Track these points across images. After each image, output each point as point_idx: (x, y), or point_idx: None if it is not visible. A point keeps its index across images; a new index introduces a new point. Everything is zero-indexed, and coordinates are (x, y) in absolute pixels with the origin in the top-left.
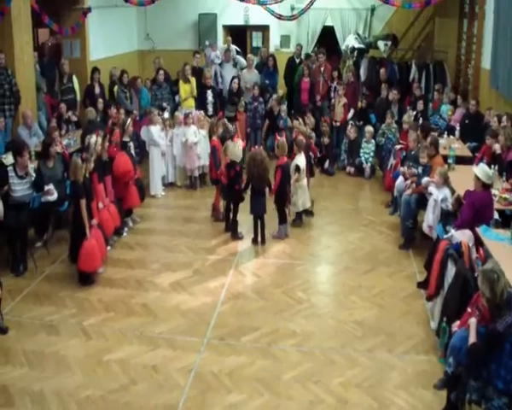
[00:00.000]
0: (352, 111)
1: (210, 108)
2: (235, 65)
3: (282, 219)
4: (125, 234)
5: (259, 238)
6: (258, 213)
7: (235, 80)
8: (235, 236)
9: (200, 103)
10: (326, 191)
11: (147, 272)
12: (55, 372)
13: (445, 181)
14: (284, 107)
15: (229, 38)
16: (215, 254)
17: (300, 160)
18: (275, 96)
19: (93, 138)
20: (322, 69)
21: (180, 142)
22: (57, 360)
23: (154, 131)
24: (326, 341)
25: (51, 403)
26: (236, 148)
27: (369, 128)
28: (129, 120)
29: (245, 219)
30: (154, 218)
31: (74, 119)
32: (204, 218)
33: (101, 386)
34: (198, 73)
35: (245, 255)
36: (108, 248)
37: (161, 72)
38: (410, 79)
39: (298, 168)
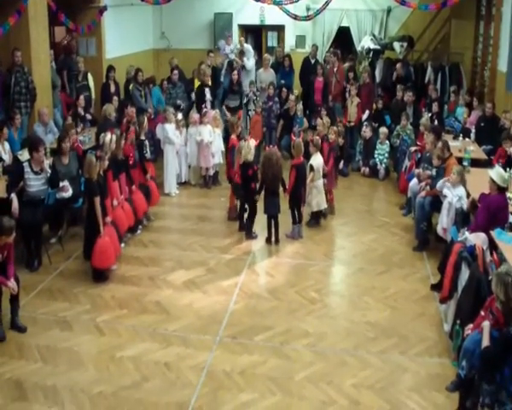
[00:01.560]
0: (367, 112)
1: (208, 106)
2: (243, 67)
3: (296, 220)
4: (138, 231)
5: (273, 238)
6: (271, 212)
7: (235, 72)
8: (250, 235)
9: (199, 101)
10: (340, 192)
11: (160, 270)
12: (68, 368)
13: (462, 179)
14: (300, 106)
15: (242, 39)
16: (229, 253)
17: (315, 160)
18: (292, 96)
19: (108, 136)
20: (335, 70)
21: (194, 141)
22: (70, 356)
23: (169, 129)
24: (339, 341)
25: (64, 398)
26: (250, 147)
27: (383, 129)
28: (145, 118)
29: (259, 218)
30: (168, 216)
31: (89, 117)
32: (218, 216)
33: (113, 382)
34: (218, 71)
35: (258, 255)
36: (122, 245)
37: (175, 72)
38: (425, 81)
39: (312, 168)
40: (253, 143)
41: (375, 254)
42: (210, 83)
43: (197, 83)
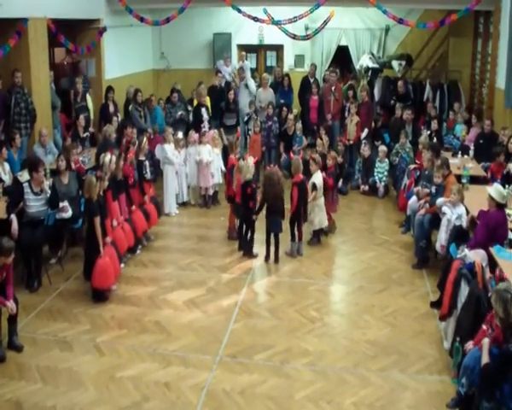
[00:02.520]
0: (366, 130)
1: (206, 126)
2: (246, 85)
3: (294, 237)
4: (138, 251)
5: (273, 257)
6: (275, 231)
7: (232, 91)
8: (250, 254)
9: (195, 121)
10: (340, 210)
11: (160, 290)
12: (68, 388)
13: (461, 198)
14: (299, 125)
15: (244, 53)
16: (228, 272)
17: (317, 177)
18: (291, 115)
19: (107, 157)
20: (333, 88)
21: (194, 161)
22: (70, 377)
23: (168, 150)
24: (339, 360)
25: None
26: (249, 166)
27: (382, 147)
28: (144, 138)
29: (257, 237)
30: (168, 236)
31: (88, 137)
32: (217, 236)
33: (113, 403)
34: (218, 91)
35: (258, 274)
36: (122, 265)
37: (175, 94)
38: (424, 99)
39: (314, 186)
40: (251, 160)
41: (375, 272)
42: (207, 103)
43: (196, 102)
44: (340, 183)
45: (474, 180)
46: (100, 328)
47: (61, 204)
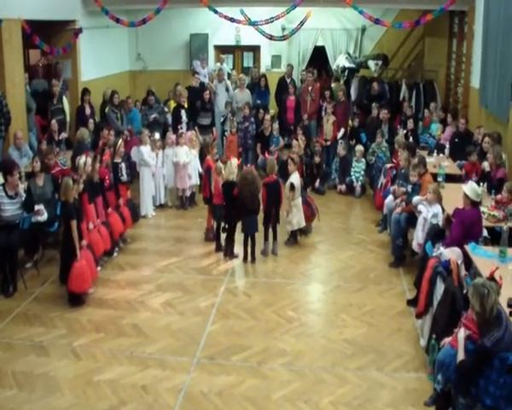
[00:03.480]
0: (342, 130)
1: (184, 128)
2: (227, 89)
3: (267, 236)
4: (115, 254)
5: (250, 257)
6: (252, 231)
7: (207, 91)
8: (231, 255)
9: (174, 122)
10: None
11: (137, 293)
12: (44, 394)
13: (438, 197)
14: (276, 126)
15: (223, 57)
16: (205, 273)
17: (295, 178)
18: (267, 116)
19: (82, 159)
20: (310, 88)
21: (171, 162)
22: (47, 382)
23: (145, 152)
24: (316, 360)
25: None
26: (232, 166)
27: (359, 147)
28: (120, 140)
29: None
30: (145, 238)
31: (64, 139)
32: (195, 237)
33: (90, 407)
34: (196, 92)
35: (235, 275)
36: (99, 268)
37: (151, 97)
38: (400, 98)
39: (292, 186)
40: (235, 161)
41: (352, 271)
42: (186, 104)
43: (173, 104)
44: (317, 183)
45: (450, 178)
46: (77, 332)
47: (36, 207)
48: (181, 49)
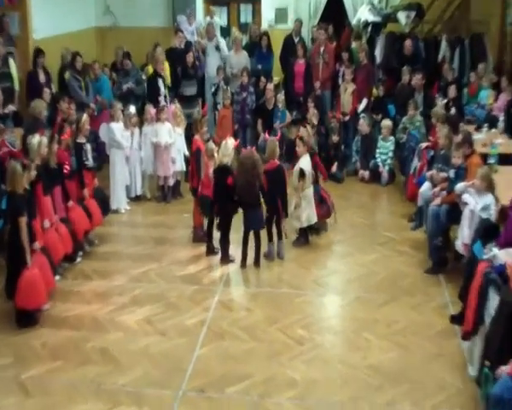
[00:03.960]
0: (364, 101)
1: (162, 100)
2: (217, 47)
3: (271, 236)
4: (79, 259)
5: (253, 260)
6: (254, 227)
7: (190, 53)
8: (226, 258)
9: (151, 94)
10: (335, 202)
11: (107, 308)
12: None
13: (489, 185)
14: (281, 97)
15: (213, 9)
16: (194, 282)
17: (305, 162)
18: (270, 85)
19: (35, 139)
20: (321, 49)
21: (150, 143)
22: None
23: (117, 130)
24: (333, 392)
25: None
26: (228, 147)
27: (386, 122)
28: (84, 115)
29: (231, 237)
30: (117, 239)
31: (12, 108)
32: (180, 238)
33: None
34: (179, 55)
35: (231, 284)
36: (57, 277)
37: (128, 62)
38: (438, 59)
39: (302, 173)
40: (231, 142)
41: (377, 278)
42: (166, 70)
43: (151, 70)
44: (335, 167)
45: (505, 160)
46: (27, 360)
47: None
48: (161, 2)
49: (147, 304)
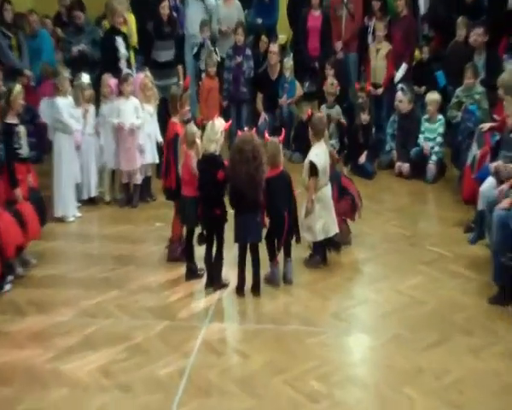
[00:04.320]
0: (403, 67)
1: (123, 67)
2: None
3: (274, 254)
4: (7, 287)
5: (251, 286)
6: (250, 239)
7: (166, 3)
8: (218, 283)
9: (106, 59)
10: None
11: (47, 354)
12: None
13: None
14: (289, 62)
15: None
16: (169, 317)
17: (318, 152)
18: (274, 46)
19: None
20: None
21: (110, 126)
22: None
23: (64, 107)
24: None
25: None
26: (216, 130)
27: (433, 96)
28: (17, 86)
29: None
30: (63, 257)
31: None
32: (150, 255)
33: None
34: (148, 7)
35: (221, 318)
36: None
37: (79, 13)
38: (508, 7)
39: (313, 168)
40: (220, 123)
41: (422, 311)
42: (133, 26)
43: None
44: (363, 158)
45: None
46: None
47: None
48: None
49: (103, 348)
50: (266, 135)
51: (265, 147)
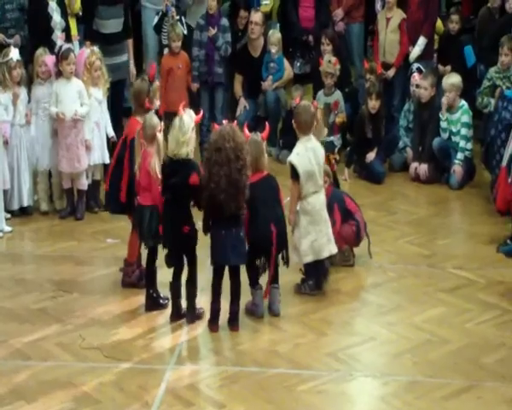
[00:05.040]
0: (421, 41)
1: (57, 40)
2: None
3: (256, 279)
4: None
5: (227, 318)
6: (233, 260)
7: None
8: (192, 313)
9: (35, 29)
10: (367, 216)
11: None
12: None
13: None
14: (276, 34)
15: None
16: (125, 358)
17: (300, 151)
18: (256, 14)
19: None
20: None
21: (47, 116)
22: None
23: None
24: None
25: None
26: (185, 126)
27: (455, 79)
28: None
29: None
30: None
31: None
32: (99, 279)
33: None
34: None
35: (191, 359)
36: None
37: None
38: None
39: (294, 170)
40: (189, 118)
41: (444, 351)
42: None
43: None
44: (371, 156)
45: None
46: None
47: None
48: None
49: (40, 398)
50: (246, 130)
51: (248, 143)
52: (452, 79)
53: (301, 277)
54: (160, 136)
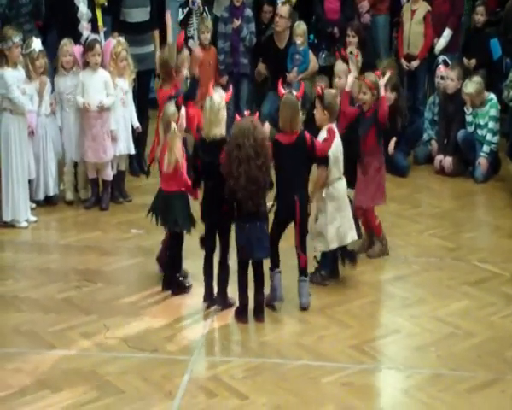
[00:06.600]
0: (447, 33)
1: (84, 31)
2: None
3: (275, 262)
4: None
5: (253, 310)
6: (258, 255)
7: None
8: (223, 300)
9: (60, 18)
10: (391, 209)
11: None
12: None
13: None
14: (302, 26)
15: None
16: (148, 348)
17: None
18: (284, 8)
19: None
20: None
21: (72, 107)
22: None
23: (11, 80)
24: None
25: None
26: (218, 107)
27: (471, 88)
28: None
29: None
30: (12, 272)
31: None
32: (123, 270)
33: None
34: None
35: (214, 351)
36: None
37: None
38: None
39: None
40: (219, 97)
41: (468, 344)
42: None
43: None
44: (392, 146)
45: None
46: None
47: None
48: None
49: (65, 387)
50: (282, 90)
51: (280, 105)
52: (468, 89)
53: (316, 265)
54: (174, 126)
